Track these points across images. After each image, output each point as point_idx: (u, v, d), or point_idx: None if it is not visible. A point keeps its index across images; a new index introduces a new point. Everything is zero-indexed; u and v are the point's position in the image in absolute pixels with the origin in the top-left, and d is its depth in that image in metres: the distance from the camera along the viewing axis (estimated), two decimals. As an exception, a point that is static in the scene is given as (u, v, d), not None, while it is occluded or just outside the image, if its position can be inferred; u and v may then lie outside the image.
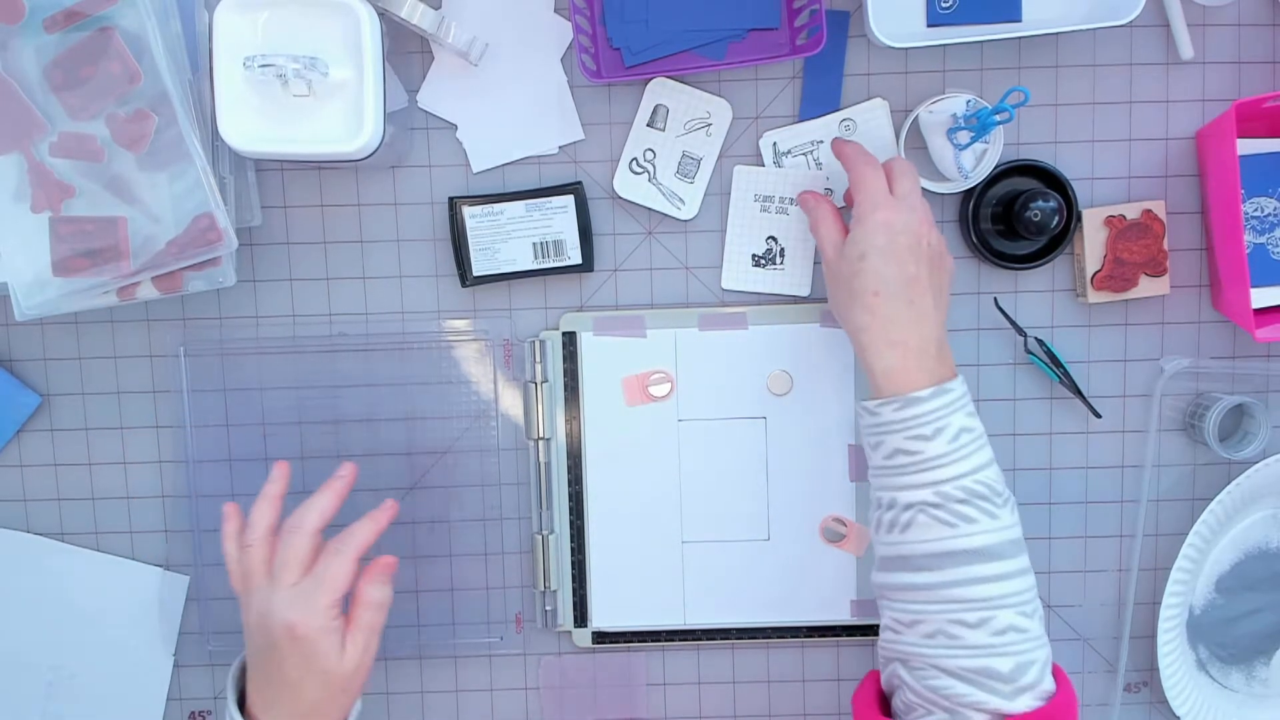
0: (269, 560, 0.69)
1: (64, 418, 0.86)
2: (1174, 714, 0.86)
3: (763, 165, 0.83)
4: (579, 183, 0.83)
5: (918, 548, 0.69)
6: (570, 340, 0.85)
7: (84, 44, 0.73)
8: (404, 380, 0.85)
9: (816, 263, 0.84)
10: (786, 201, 0.84)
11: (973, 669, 0.67)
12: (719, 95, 0.83)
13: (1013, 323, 0.85)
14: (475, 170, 0.84)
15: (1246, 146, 0.81)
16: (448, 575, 0.86)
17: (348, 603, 0.70)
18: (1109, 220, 0.83)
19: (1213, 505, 0.84)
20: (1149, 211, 0.83)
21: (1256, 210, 0.83)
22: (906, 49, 0.83)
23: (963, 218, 0.84)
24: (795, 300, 0.85)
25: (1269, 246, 0.83)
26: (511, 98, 0.83)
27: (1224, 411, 0.83)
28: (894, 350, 0.71)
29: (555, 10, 0.83)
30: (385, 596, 0.71)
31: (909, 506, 0.69)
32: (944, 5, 0.82)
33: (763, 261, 0.84)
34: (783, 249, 0.84)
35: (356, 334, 0.85)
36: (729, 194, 0.84)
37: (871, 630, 0.87)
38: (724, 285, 0.85)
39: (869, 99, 0.83)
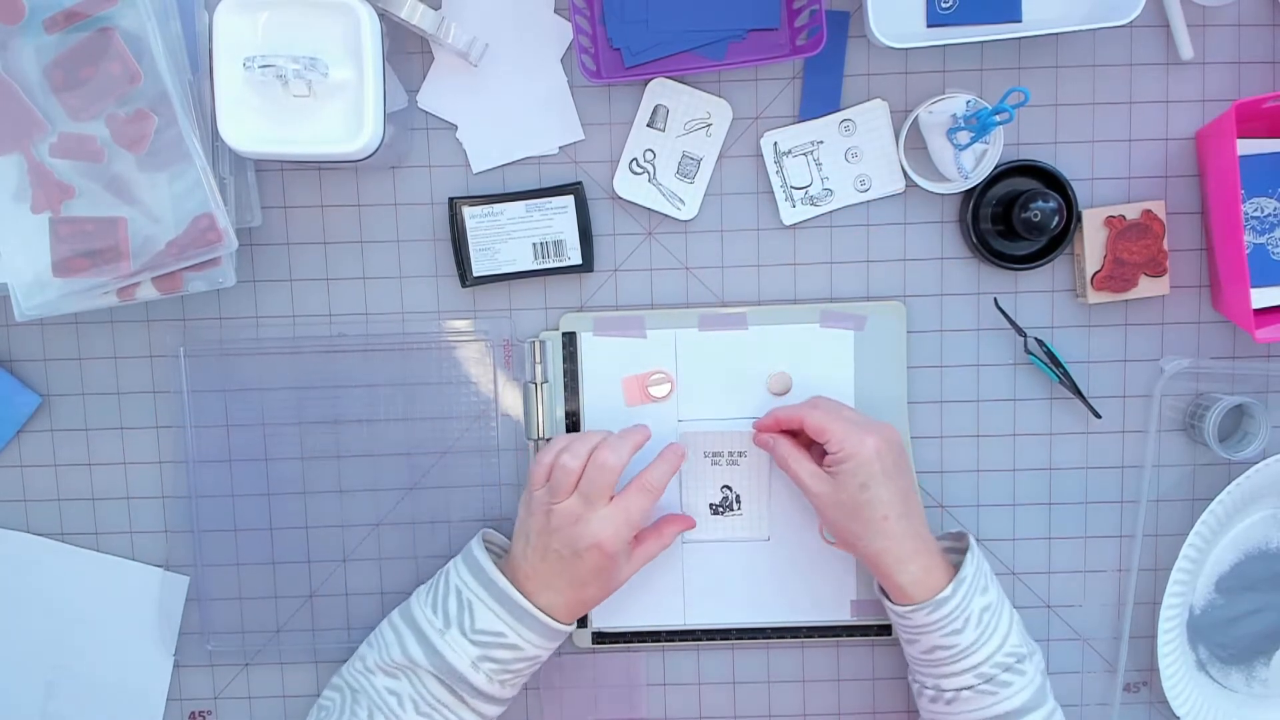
0: (575, 483, 0.77)
1: (64, 418, 0.86)
2: (1174, 714, 0.86)
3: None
4: (579, 183, 0.83)
5: (966, 717, 0.77)
6: (570, 340, 0.85)
7: (84, 44, 0.73)
8: (404, 380, 0.85)
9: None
10: (736, 454, 0.85)
11: None
12: (719, 95, 0.83)
13: (1013, 323, 0.85)
14: (475, 170, 0.84)
15: (1246, 146, 0.81)
16: (448, 575, 0.86)
17: None
18: (1109, 220, 0.83)
19: (1213, 505, 0.84)
20: (1149, 211, 0.83)
21: (1256, 210, 0.83)
22: (906, 49, 0.83)
23: (963, 218, 0.84)
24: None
25: (1269, 246, 0.83)
26: (511, 98, 0.83)
27: (1224, 412, 0.83)
28: (914, 561, 0.76)
29: (555, 10, 0.83)
30: (669, 543, 0.83)
31: (951, 689, 0.77)
32: (944, 5, 0.82)
33: (721, 510, 0.85)
34: (739, 496, 0.85)
35: (356, 334, 0.85)
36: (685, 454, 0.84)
37: (871, 630, 0.87)
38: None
39: (869, 99, 0.83)
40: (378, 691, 0.77)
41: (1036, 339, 0.85)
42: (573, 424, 0.85)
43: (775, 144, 0.84)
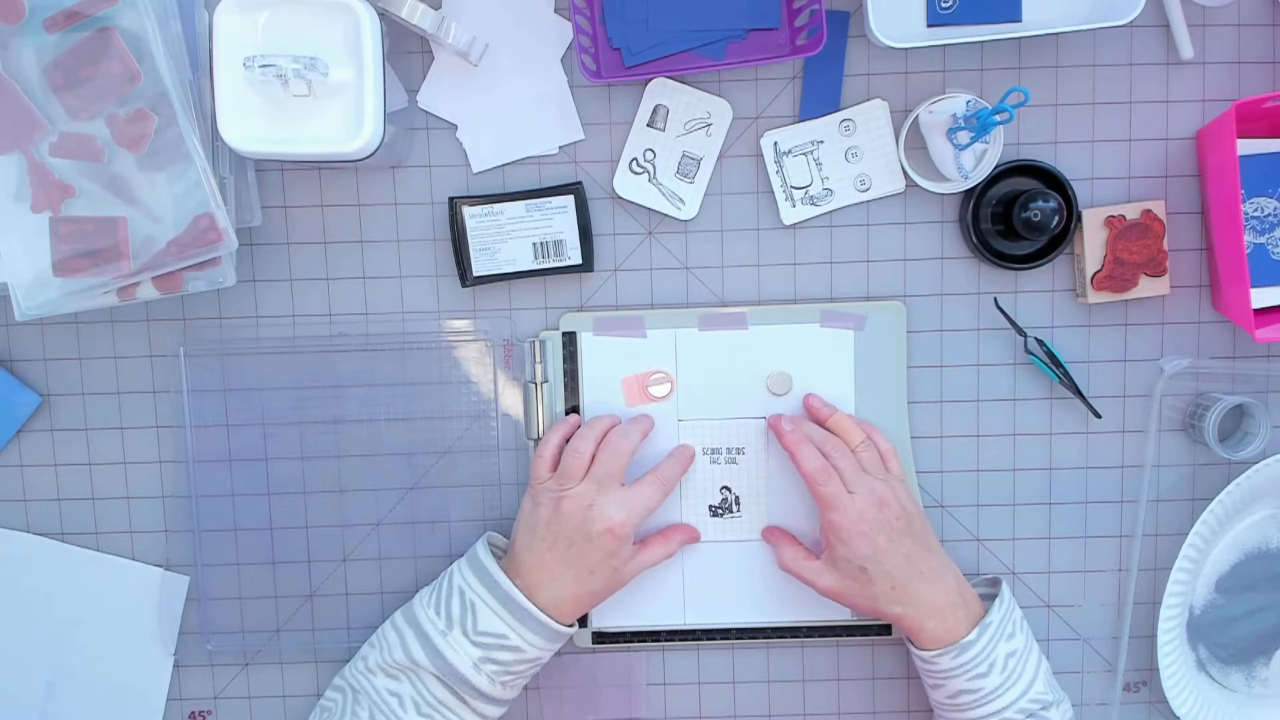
0: (587, 467, 0.79)
1: (64, 418, 0.86)
2: (1174, 714, 0.86)
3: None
4: (579, 183, 0.83)
5: None
6: (570, 340, 0.85)
7: (84, 44, 0.73)
8: (404, 380, 0.85)
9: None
10: (735, 451, 0.85)
11: None
12: (719, 95, 0.83)
13: (1013, 323, 0.85)
14: (475, 170, 0.84)
15: (1246, 146, 0.81)
16: (448, 575, 0.86)
17: None
18: (1109, 220, 0.83)
19: (1213, 505, 0.84)
20: (1149, 211, 0.83)
21: (1256, 210, 0.83)
22: (906, 49, 0.83)
23: (963, 218, 0.84)
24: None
25: (1269, 246, 0.83)
26: (511, 98, 0.83)
27: (1224, 411, 0.83)
28: (934, 618, 0.77)
29: (555, 10, 0.83)
30: (673, 550, 0.83)
31: None
32: (944, 5, 0.82)
33: (720, 511, 0.85)
34: (738, 498, 0.85)
35: (356, 334, 0.85)
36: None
37: (871, 630, 0.87)
38: None
39: (869, 99, 0.83)
40: (379, 692, 0.77)
41: (1036, 339, 0.85)
42: (573, 424, 0.85)
43: (775, 144, 0.84)
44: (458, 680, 0.76)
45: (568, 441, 0.82)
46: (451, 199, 0.83)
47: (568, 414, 0.85)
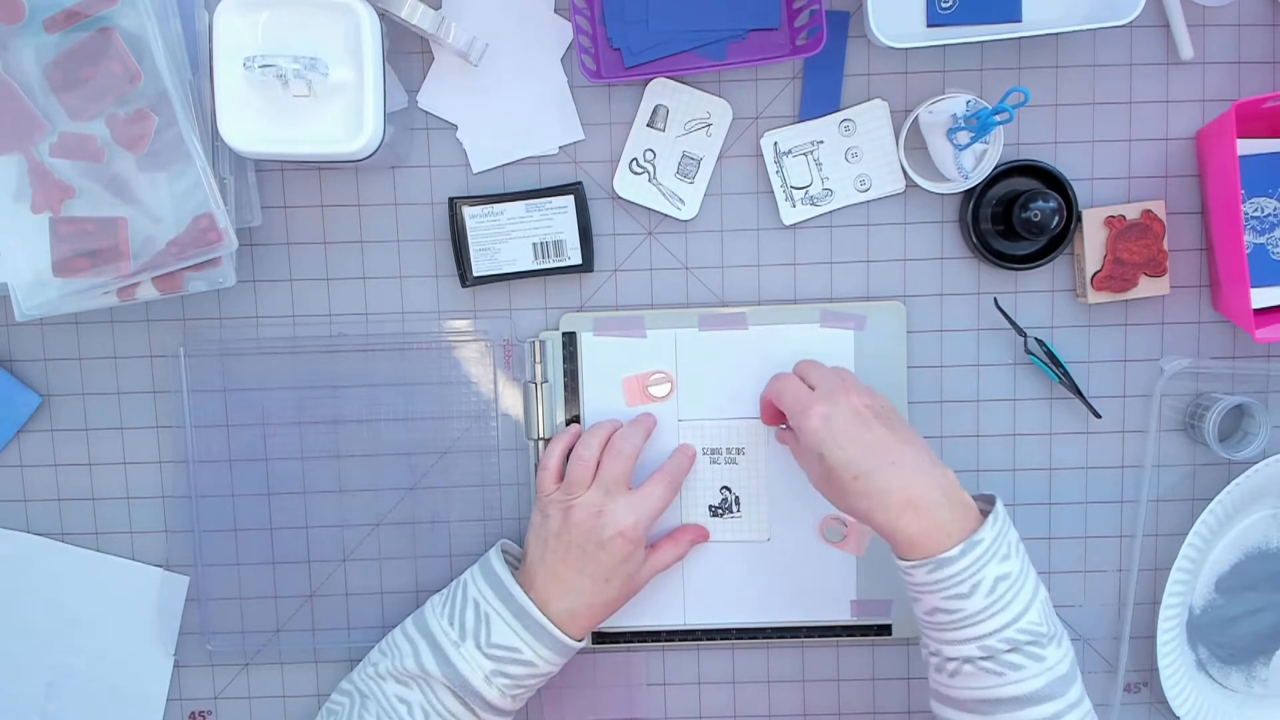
0: (593, 474, 0.79)
1: (64, 418, 0.86)
2: (1174, 714, 0.86)
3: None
4: (579, 183, 0.83)
5: (966, 693, 0.70)
6: (570, 340, 0.85)
7: (84, 44, 0.73)
8: (404, 380, 0.85)
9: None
10: (734, 451, 0.85)
11: None
12: (719, 95, 0.83)
13: (1013, 323, 0.85)
14: (475, 170, 0.84)
15: (1246, 146, 0.81)
16: (448, 575, 0.86)
17: None
18: (1109, 220, 0.83)
19: (1212, 505, 0.84)
20: (1149, 211, 0.83)
21: (1256, 210, 0.83)
22: (906, 49, 0.83)
23: (963, 218, 0.84)
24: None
25: (1269, 246, 0.83)
26: (511, 98, 0.83)
27: (1224, 411, 0.83)
28: (907, 515, 0.69)
29: (555, 10, 0.83)
30: (684, 552, 0.84)
31: (953, 659, 0.70)
32: (944, 5, 0.82)
33: (720, 511, 0.85)
34: (738, 498, 0.85)
35: (356, 334, 0.85)
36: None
37: (871, 630, 0.87)
38: None
39: (869, 99, 0.84)
40: (388, 698, 0.77)
41: (1036, 339, 0.85)
42: (573, 424, 0.85)
43: (775, 144, 0.84)
44: (469, 692, 0.76)
45: (570, 451, 0.81)
46: (451, 199, 0.83)
47: (567, 424, 0.85)
